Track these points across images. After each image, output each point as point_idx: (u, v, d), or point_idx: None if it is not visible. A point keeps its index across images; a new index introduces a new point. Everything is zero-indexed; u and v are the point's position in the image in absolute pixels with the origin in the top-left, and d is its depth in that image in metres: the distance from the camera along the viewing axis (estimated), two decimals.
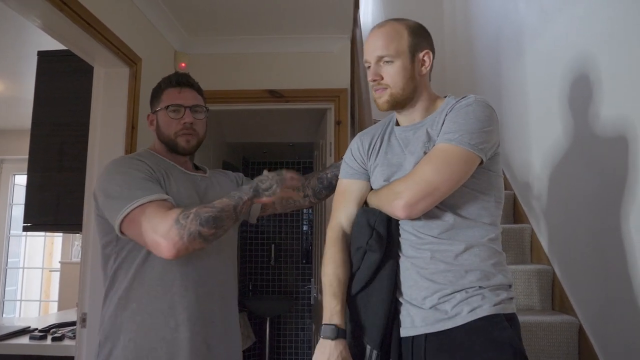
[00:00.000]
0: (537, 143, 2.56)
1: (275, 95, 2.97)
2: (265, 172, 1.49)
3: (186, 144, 1.58)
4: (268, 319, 5.11)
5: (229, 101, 2.93)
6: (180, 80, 1.62)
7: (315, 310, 3.72)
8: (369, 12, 5.18)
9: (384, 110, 1.37)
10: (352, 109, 2.96)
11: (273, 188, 1.44)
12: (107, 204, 1.41)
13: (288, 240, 5.65)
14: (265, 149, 5.29)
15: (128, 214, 1.33)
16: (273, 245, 5.60)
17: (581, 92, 2.09)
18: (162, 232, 1.30)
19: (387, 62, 1.31)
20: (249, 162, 5.78)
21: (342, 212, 1.44)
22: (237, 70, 3.04)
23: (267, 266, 5.60)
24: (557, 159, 2.32)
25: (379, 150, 1.43)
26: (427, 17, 1.42)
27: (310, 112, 3.43)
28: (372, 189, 1.44)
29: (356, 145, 1.50)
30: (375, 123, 1.60)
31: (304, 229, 5.62)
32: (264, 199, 1.45)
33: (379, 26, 1.35)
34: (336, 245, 1.39)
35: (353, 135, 2.92)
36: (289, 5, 2.62)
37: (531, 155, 2.62)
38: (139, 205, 1.33)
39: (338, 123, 2.92)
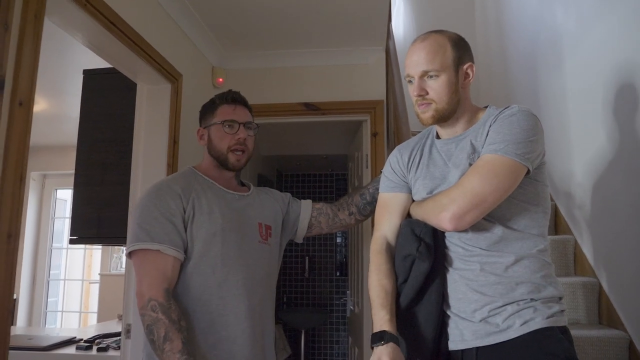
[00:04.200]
0: (579, 152, 2.50)
1: (311, 108, 2.99)
2: None
3: (236, 163, 1.65)
4: (303, 331, 5.11)
5: (266, 115, 2.97)
6: (235, 98, 1.68)
7: (350, 322, 3.70)
8: (400, 23, 5.19)
9: (429, 125, 1.36)
10: (387, 120, 2.96)
11: None
12: (128, 229, 1.52)
13: (322, 253, 5.65)
14: (298, 162, 5.33)
15: (133, 251, 1.47)
16: (307, 257, 5.61)
17: (626, 100, 2.04)
18: (140, 292, 1.42)
19: (432, 76, 1.29)
20: (282, 174, 5.82)
21: (385, 225, 1.43)
22: (273, 84, 3.08)
23: (302, 278, 5.61)
24: (600, 168, 2.27)
25: (419, 163, 1.43)
26: (458, 26, 1.41)
27: (345, 124, 3.44)
28: (413, 201, 1.44)
29: (395, 159, 1.49)
30: (413, 134, 1.59)
31: (338, 241, 5.61)
32: None
33: (421, 39, 1.33)
34: (381, 256, 1.37)
35: (389, 146, 2.92)
36: (323, 19, 2.64)
37: (572, 165, 2.57)
38: (141, 249, 1.45)
39: (374, 135, 2.92)
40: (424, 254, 1.26)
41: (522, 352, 1.17)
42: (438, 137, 1.43)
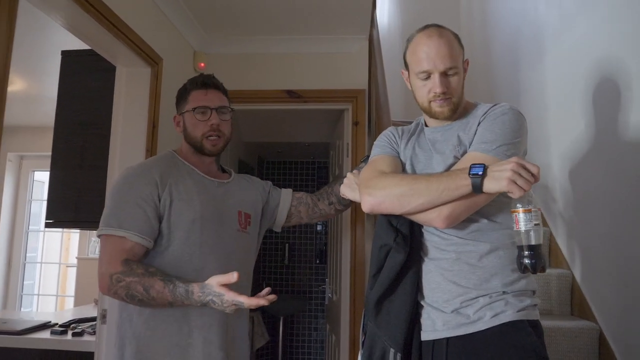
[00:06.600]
0: (556, 146, 2.53)
1: (293, 95, 2.97)
2: (219, 286, 1.34)
3: (212, 148, 1.62)
4: (282, 318, 5.12)
5: (247, 101, 2.95)
6: (206, 82, 1.64)
7: (328, 310, 3.72)
8: (384, 12, 5.16)
9: (445, 119, 1.37)
10: (369, 109, 2.96)
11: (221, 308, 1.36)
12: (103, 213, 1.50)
13: (302, 240, 5.66)
14: (280, 149, 5.31)
15: (101, 234, 1.46)
16: (287, 244, 5.61)
17: (605, 95, 2.07)
18: (100, 273, 1.42)
19: (452, 73, 1.31)
20: (264, 161, 5.80)
21: (381, 165, 1.40)
22: (255, 70, 3.05)
23: (281, 265, 5.62)
24: (576, 162, 2.30)
25: (407, 144, 1.45)
26: (443, 19, 1.42)
27: (327, 113, 3.43)
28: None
29: (390, 132, 1.51)
30: (394, 124, 1.59)
31: (318, 228, 5.62)
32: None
33: (438, 35, 1.32)
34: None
35: (370, 136, 2.92)
36: (307, 6, 2.62)
37: (549, 158, 2.60)
38: (107, 234, 1.44)
39: (356, 124, 2.92)
40: (401, 244, 1.27)
41: (491, 344, 1.19)
42: (426, 125, 1.46)
